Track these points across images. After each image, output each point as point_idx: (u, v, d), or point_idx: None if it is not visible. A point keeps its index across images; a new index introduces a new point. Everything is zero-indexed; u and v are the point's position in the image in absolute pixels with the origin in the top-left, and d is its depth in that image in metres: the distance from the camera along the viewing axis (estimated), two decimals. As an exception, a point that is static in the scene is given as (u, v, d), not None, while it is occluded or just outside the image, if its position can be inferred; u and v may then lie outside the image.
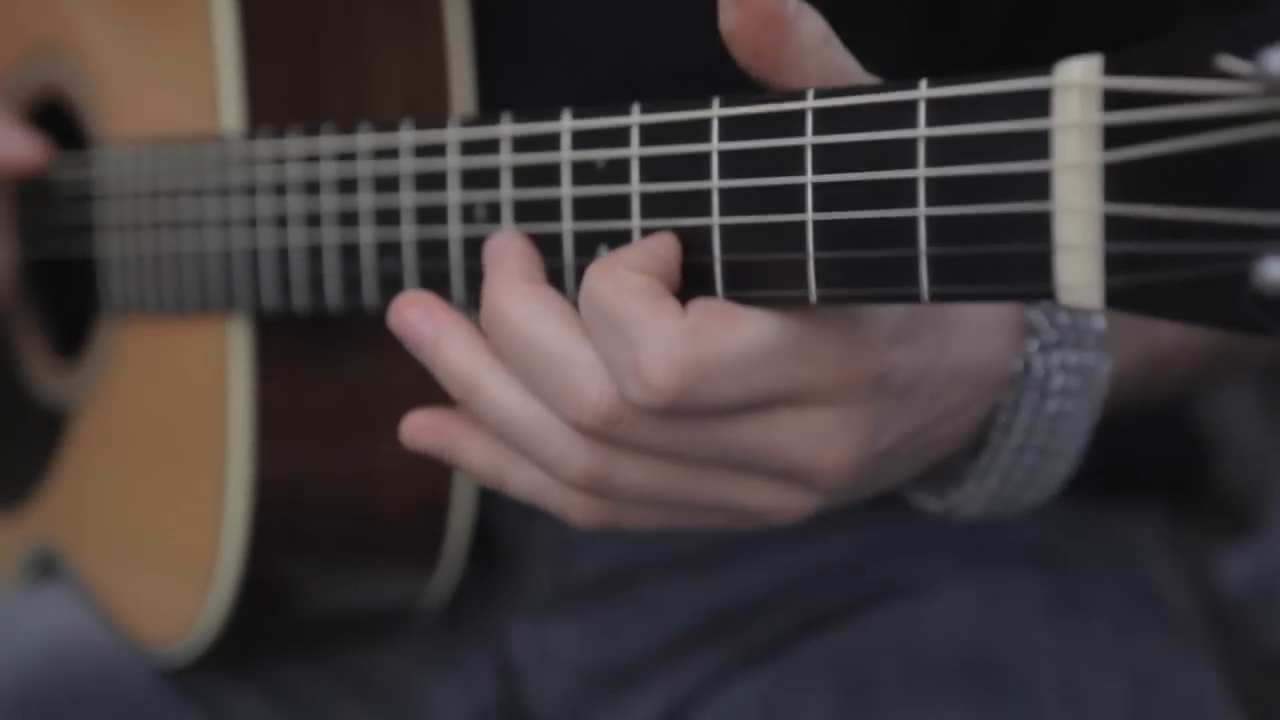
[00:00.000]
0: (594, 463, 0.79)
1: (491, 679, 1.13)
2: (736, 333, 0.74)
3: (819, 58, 0.76)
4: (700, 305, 0.75)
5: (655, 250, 0.77)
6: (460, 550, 1.07)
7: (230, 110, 1.00)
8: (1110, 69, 0.64)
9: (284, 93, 1.00)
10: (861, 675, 1.05)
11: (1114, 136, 0.64)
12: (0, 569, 1.24)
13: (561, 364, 0.77)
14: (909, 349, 0.78)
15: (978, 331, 0.82)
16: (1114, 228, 0.64)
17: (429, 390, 1.03)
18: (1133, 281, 0.64)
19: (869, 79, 0.78)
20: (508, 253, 0.82)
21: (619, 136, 0.80)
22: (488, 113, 0.86)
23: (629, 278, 0.75)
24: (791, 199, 0.73)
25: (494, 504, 1.08)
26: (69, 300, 1.17)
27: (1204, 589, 1.20)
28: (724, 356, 0.74)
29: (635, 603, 1.11)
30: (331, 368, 1.02)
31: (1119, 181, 0.64)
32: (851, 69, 0.77)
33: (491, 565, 1.11)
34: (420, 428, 0.86)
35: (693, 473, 0.79)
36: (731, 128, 0.76)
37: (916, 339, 0.79)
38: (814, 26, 0.76)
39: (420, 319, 0.83)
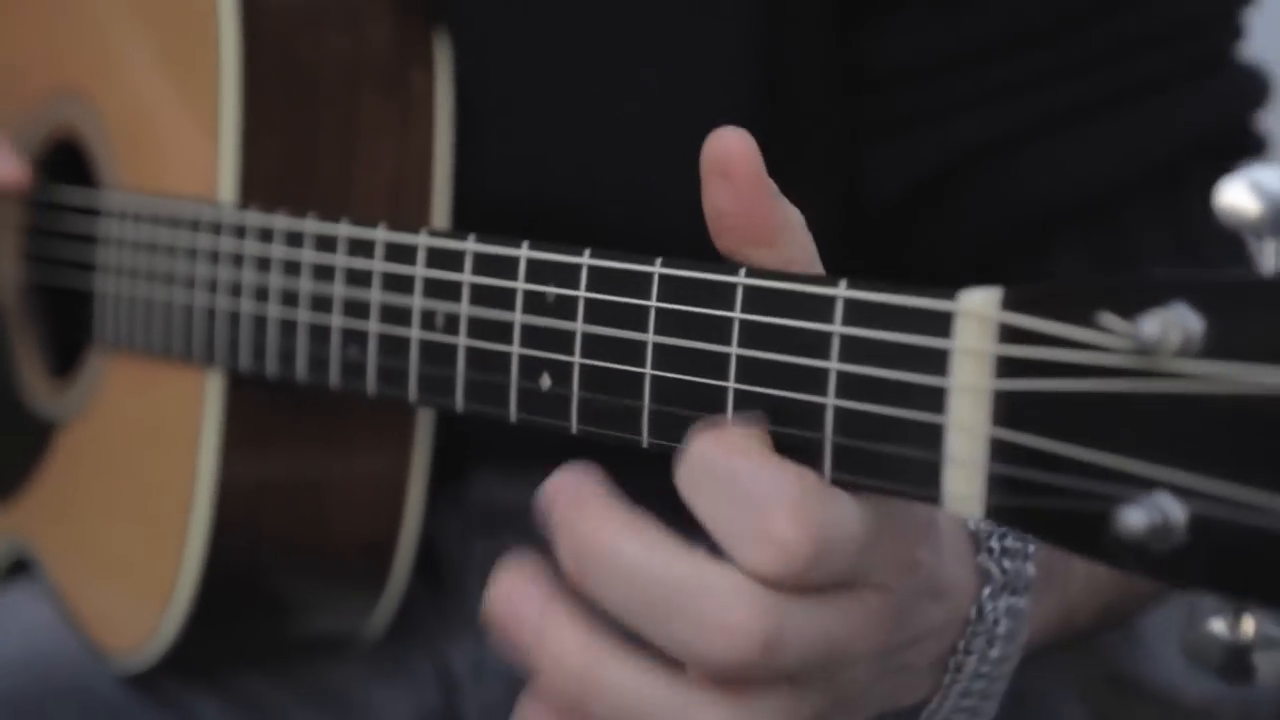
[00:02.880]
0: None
1: (434, 688, 1.18)
2: (845, 501, 0.70)
3: (803, 239, 0.75)
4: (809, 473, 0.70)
5: (756, 424, 0.72)
6: (403, 579, 1.11)
7: (227, 174, 1.03)
8: (1007, 303, 0.66)
9: (278, 166, 1.03)
10: None
11: (1006, 367, 0.66)
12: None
13: (698, 592, 0.67)
14: (927, 549, 0.76)
15: (956, 561, 0.79)
16: (998, 451, 0.66)
17: (383, 437, 1.07)
18: (1011, 502, 0.66)
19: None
20: (585, 486, 0.72)
21: (570, 274, 0.82)
22: (454, 230, 0.89)
23: (746, 441, 0.70)
24: (718, 366, 0.76)
25: (439, 525, 1.12)
26: (67, 324, 1.20)
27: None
28: (842, 523, 0.69)
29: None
30: (296, 409, 1.06)
31: (1007, 409, 0.66)
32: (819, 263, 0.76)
33: (437, 582, 1.15)
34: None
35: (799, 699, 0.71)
36: (670, 288, 0.78)
37: (929, 543, 0.76)
38: (794, 211, 0.74)
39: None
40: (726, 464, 0.69)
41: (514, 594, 0.72)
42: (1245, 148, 1.08)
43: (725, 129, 0.73)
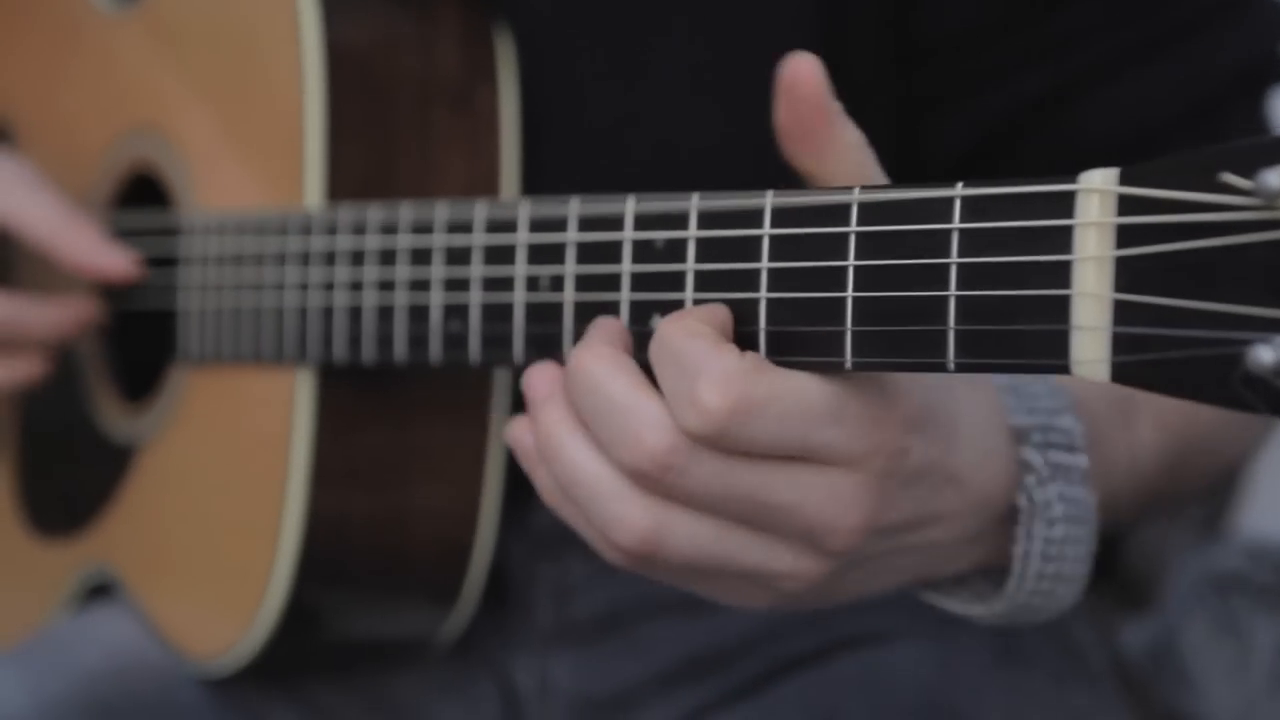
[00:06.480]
0: (647, 519, 0.81)
1: (497, 705, 1.18)
2: (786, 381, 0.78)
3: (857, 157, 0.82)
4: (757, 356, 0.80)
5: (717, 313, 0.82)
6: (477, 589, 1.12)
7: (312, 188, 1.05)
8: (1125, 179, 0.70)
9: (359, 181, 1.06)
10: (830, 711, 1.10)
11: (1126, 236, 0.70)
12: (56, 585, 1.27)
13: (625, 412, 0.80)
14: (922, 438, 0.81)
15: (981, 452, 0.85)
16: (1123, 313, 0.69)
17: (463, 445, 1.09)
18: (1137, 360, 0.69)
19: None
20: (601, 325, 0.86)
21: (678, 220, 0.85)
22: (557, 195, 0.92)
23: (698, 326, 0.80)
24: (834, 279, 0.79)
25: (504, 548, 1.13)
26: (138, 348, 1.22)
27: (1111, 653, 1.26)
28: (771, 396, 0.77)
29: (626, 641, 1.16)
30: (381, 421, 1.08)
31: (1129, 274, 0.69)
32: (881, 179, 0.83)
33: (500, 603, 1.16)
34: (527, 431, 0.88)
35: (731, 532, 0.81)
36: (782, 216, 0.81)
37: (929, 432, 0.82)
38: (854, 132, 0.82)
39: (540, 383, 0.86)
40: (678, 343, 0.79)
41: (539, 374, 0.86)
42: (1276, 77, 1.12)
43: (799, 55, 0.81)
